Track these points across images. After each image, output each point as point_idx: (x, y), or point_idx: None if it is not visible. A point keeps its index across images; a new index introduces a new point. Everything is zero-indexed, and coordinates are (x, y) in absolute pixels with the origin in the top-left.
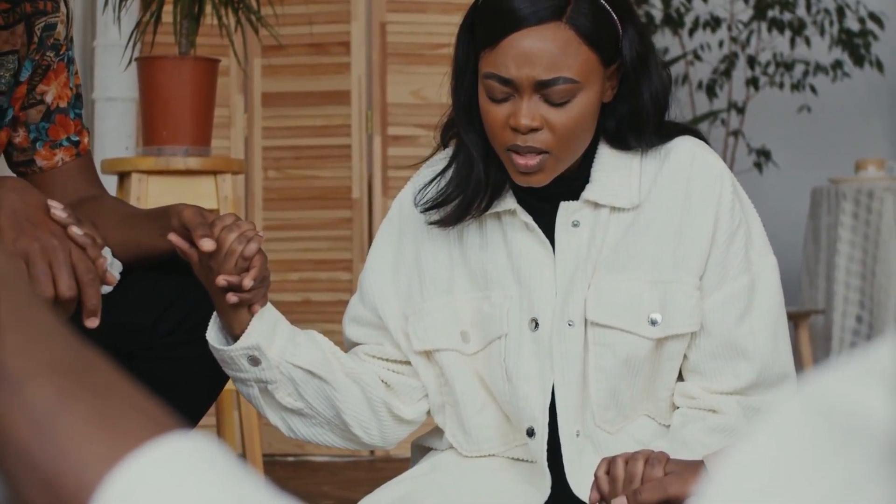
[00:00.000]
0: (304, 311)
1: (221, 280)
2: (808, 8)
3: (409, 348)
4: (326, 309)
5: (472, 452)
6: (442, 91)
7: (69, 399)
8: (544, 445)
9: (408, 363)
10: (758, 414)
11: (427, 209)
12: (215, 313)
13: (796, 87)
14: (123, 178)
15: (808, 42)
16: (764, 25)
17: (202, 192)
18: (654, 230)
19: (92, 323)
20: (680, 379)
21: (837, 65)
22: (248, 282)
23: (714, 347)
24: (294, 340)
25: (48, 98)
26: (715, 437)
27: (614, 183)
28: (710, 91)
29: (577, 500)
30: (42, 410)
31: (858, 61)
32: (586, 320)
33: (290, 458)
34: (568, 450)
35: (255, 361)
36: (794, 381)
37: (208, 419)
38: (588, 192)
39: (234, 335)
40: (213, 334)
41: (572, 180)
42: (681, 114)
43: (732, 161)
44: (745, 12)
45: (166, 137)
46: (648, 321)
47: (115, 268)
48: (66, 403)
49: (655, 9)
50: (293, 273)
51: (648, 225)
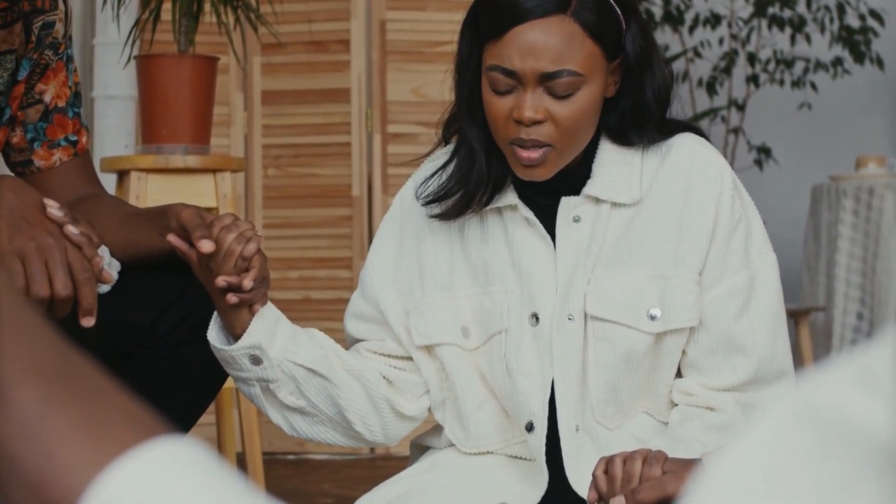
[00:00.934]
0: (304, 309)
1: (221, 281)
2: (809, 5)
3: (410, 343)
4: (326, 307)
5: (470, 449)
6: (442, 88)
7: (55, 404)
8: (543, 440)
9: (409, 359)
10: (755, 411)
11: (428, 202)
12: (216, 313)
13: (797, 84)
14: (122, 176)
15: (808, 39)
16: (764, 22)
17: (201, 191)
18: (654, 226)
19: (88, 322)
20: (678, 375)
21: (838, 62)
22: (247, 282)
23: (712, 343)
24: (295, 339)
25: (47, 97)
26: (713, 435)
27: (615, 179)
28: (711, 88)
29: (575, 495)
30: (28, 415)
31: (859, 58)
32: (586, 315)
33: (291, 457)
34: (567, 445)
35: (256, 361)
36: (792, 378)
37: (208, 417)
38: (589, 188)
39: (234, 335)
40: (214, 334)
41: (573, 176)
42: (681, 111)
43: (733, 158)
44: (745, 9)
45: (165, 136)
46: (648, 316)
47: (113, 267)
48: (52, 408)
49: (655, 6)
50: (293, 271)
51: (649, 221)
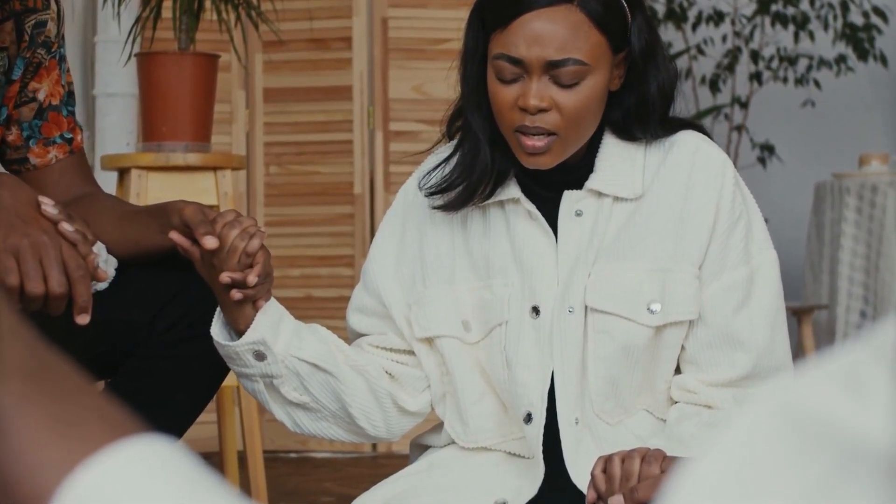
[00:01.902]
0: (306, 307)
1: (225, 277)
2: (812, 2)
3: (411, 336)
4: (328, 305)
5: (469, 443)
6: (444, 86)
7: (28, 404)
8: (541, 431)
9: (411, 353)
10: None
11: (431, 194)
12: (219, 309)
13: (800, 81)
14: (123, 174)
15: (811, 36)
16: (767, 20)
17: (202, 188)
18: (655, 220)
19: (83, 320)
20: (677, 372)
21: (841, 59)
22: (251, 278)
23: (711, 337)
24: (299, 334)
25: (40, 95)
26: (711, 434)
27: (618, 173)
28: (714, 86)
29: (572, 489)
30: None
31: (862, 56)
32: (586, 307)
33: (293, 455)
34: (567, 437)
35: (260, 356)
36: (791, 374)
37: (209, 416)
38: (592, 182)
39: (238, 331)
40: (217, 330)
41: (576, 169)
42: (685, 108)
43: (736, 156)
44: (748, 6)
45: (166, 133)
46: (647, 309)
47: (109, 264)
48: (25, 408)
49: (659, 3)
50: (294, 269)
51: (650, 215)
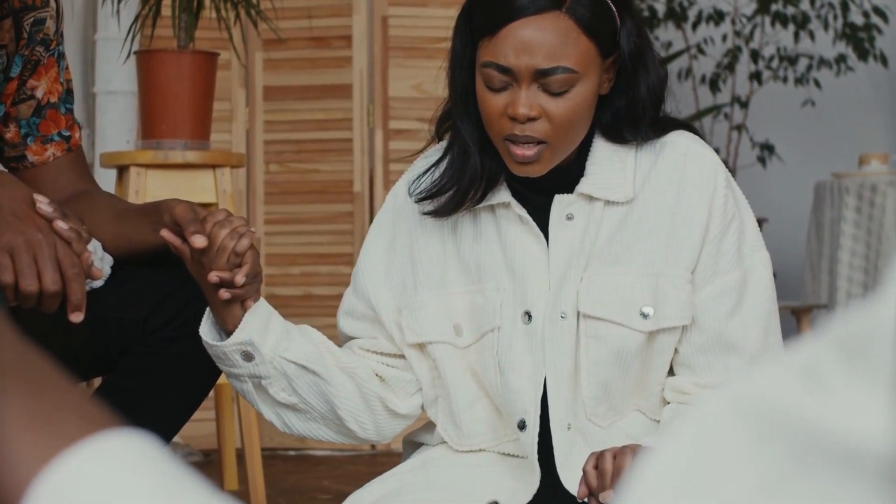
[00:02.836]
0: (306, 305)
1: (213, 276)
2: (812, 2)
3: (402, 341)
4: (327, 303)
5: (462, 447)
6: (440, 84)
7: (4, 399)
8: (535, 438)
9: (402, 357)
10: None
11: (421, 199)
12: (208, 309)
13: (800, 81)
14: (122, 171)
15: (811, 36)
16: (767, 19)
17: (201, 186)
18: (647, 224)
19: (76, 317)
20: (671, 373)
21: (841, 59)
22: (239, 278)
23: (704, 341)
24: (287, 335)
25: (38, 93)
26: (672, 425)
27: (609, 176)
28: (714, 85)
29: (566, 493)
30: None
31: (862, 55)
32: (578, 313)
33: (291, 452)
34: (559, 443)
35: (248, 357)
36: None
37: (207, 413)
38: (583, 186)
39: (227, 330)
40: (206, 330)
41: (567, 173)
42: (678, 108)
43: (736, 155)
44: (748, 6)
45: (165, 131)
46: (640, 314)
47: (105, 262)
48: (1, 403)
49: (659, 2)
50: (294, 267)
51: (642, 219)
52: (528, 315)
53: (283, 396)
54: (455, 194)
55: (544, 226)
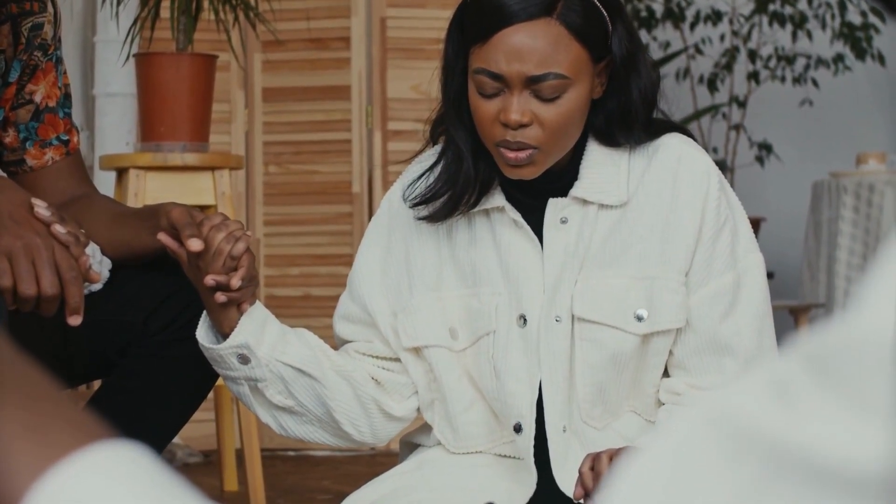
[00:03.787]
0: (305, 306)
1: (209, 280)
2: (810, 1)
3: (397, 345)
4: (326, 304)
5: (459, 449)
6: (433, 86)
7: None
8: (531, 441)
9: (397, 360)
10: None
11: (416, 204)
12: (205, 312)
13: (798, 80)
14: (121, 174)
15: (809, 35)
16: (765, 19)
17: (200, 188)
18: (641, 227)
19: (74, 321)
20: (665, 374)
21: (839, 58)
22: (235, 281)
23: (699, 343)
24: (283, 338)
25: (37, 97)
26: (648, 437)
27: (602, 180)
28: (712, 85)
29: (562, 495)
30: None
31: (860, 55)
32: (573, 316)
33: (291, 453)
34: (554, 445)
35: (244, 360)
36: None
37: (207, 414)
38: (576, 189)
39: (223, 333)
40: (203, 333)
41: (561, 177)
42: (681, 108)
43: (734, 155)
44: (746, 6)
45: (164, 133)
46: (635, 317)
47: (104, 265)
48: None
49: (657, 3)
50: (293, 268)
51: (636, 222)
52: (523, 319)
53: (280, 399)
54: (449, 199)
55: (539, 230)
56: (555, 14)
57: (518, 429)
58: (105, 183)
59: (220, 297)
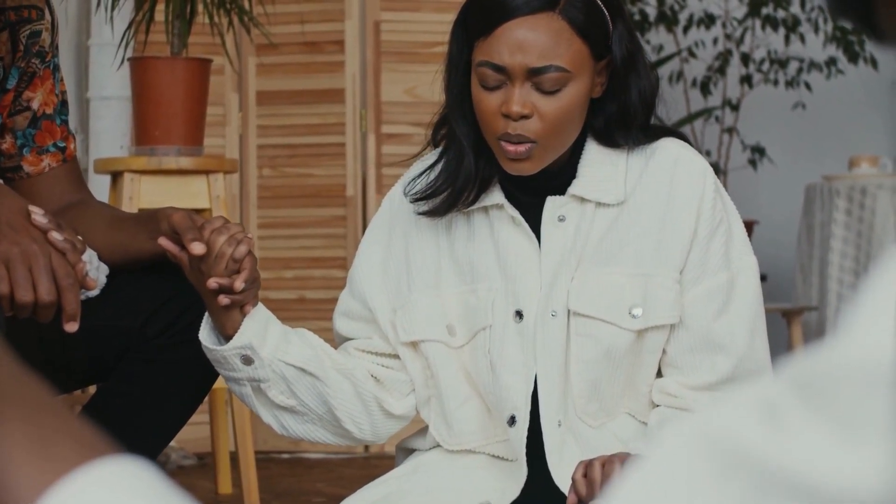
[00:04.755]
0: (299, 309)
1: (212, 283)
2: (803, 5)
3: (396, 340)
4: (321, 306)
5: (453, 446)
6: (435, 89)
7: (3, 424)
8: (524, 434)
9: (397, 357)
10: None
11: (417, 200)
12: (207, 314)
13: (790, 84)
14: (116, 177)
15: (802, 39)
16: (758, 22)
17: (194, 192)
18: (637, 226)
19: (71, 327)
20: (659, 375)
21: (832, 62)
22: (238, 284)
23: (692, 341)
24: (286, 339)
25: (34, 104)
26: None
27: (600, 179)
28: (705, 88)
29: (555, 491)
30: None
31: (853, 58)
32: (569, 311)
33: (285, 455)
34: (550, 439)
35: (247, 361)
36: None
37: (201, 417)
38: (574, 188)
39: (226, 335)
40: (206, 334)
41: (559, 175)
42: (674, 111)
43: (727, 158)
44: (739, 9)
45: (159, 137)
46: (629, 313)
47: (101, 271)
48: (1, 429)
49: (650, 6)
50: (288, 270)
51: (632, 221)
52: (519, 314)
53: (282, 399)
54: (449, 195)
55: (537, 227)
56: (557, 9)
57: (512, 422)
58: (99, 186)
59: (223, 299)
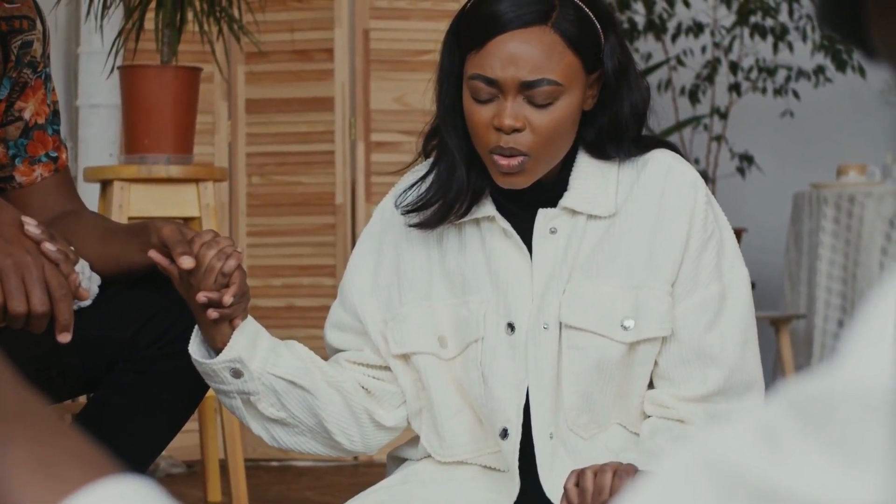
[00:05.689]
0: (288, 317)
1: (202, 297)
2: (791, 13)
3: (387, 352)
4: (310, 314)
5: (445, 457)
6: (425, 97)
7: (11, 444)
8: (517, 446)
9: (388, 369)
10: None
11: (408, 212)
12: (197, 327)
13: (779, 92)
14: (105, 186)
15: (790, 47)
16: (746, 31)
17: (184, 200)
18: (629, 238)
19: (64, 338)
20: (650, 386)
21: (820, 70)
22: (227, 298)
23: (683, 353)
24: (275, 351)
25: (26, 114)
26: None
27: (592, 191)
28: (693, 96)
29: (548, 501)
30: None
31: (841, 66)
32: (560, 323)
33: (274, 463)
34: (541, 452)
35: (237, 374)
36: (761, 390)
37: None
38: (566, 200)
39: (215, 348)
40: (195, 347)
41: (551, 188)
42: (663, 119)
43: (715, 166)
44: (727, 18)
45: (148, 146)
46: (621, 326)
47: (93, 281)
48: (7, 449)
49: (638, 14)
50: (277, 278)
51: (624, 233)
52: (510, 326)
53: (272, 412)
54: (440, 207)
55: (528, 239)
56: (549, 22)
57: (504, 435)
58: (89, 195)
59: (213, 313)
